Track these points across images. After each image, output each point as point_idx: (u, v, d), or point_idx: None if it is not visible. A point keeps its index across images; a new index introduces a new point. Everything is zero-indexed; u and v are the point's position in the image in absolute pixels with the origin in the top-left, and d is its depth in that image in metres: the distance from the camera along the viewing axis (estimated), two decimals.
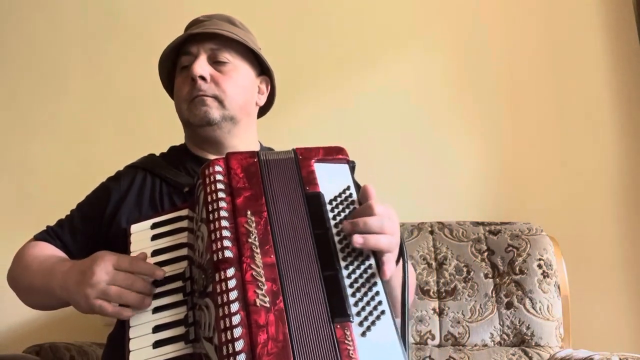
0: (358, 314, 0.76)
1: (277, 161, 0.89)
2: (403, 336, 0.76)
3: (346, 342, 0.72)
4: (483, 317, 1.48)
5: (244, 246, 0.77)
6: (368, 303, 0.77)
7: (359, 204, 0.87)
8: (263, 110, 1.26)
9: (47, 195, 1.88)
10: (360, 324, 0.75)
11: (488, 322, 1.48)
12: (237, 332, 0.70)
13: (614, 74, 1.86)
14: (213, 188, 0.84)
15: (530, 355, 1.42)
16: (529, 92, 1.89)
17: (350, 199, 0.87)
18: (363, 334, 0.74)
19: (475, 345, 1.47)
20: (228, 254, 0.76)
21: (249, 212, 0.81)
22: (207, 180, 0.85)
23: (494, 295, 1.50)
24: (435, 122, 1.90)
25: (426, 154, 1.87)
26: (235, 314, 0.71)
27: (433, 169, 1.84)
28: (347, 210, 0.86)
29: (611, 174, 1.81)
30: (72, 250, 1.09)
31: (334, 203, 0.86)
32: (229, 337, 0.70)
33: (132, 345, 0.81)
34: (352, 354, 0.71)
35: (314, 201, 0.85)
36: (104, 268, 0.84)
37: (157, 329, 0.82)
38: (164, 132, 1.92)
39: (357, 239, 0.79)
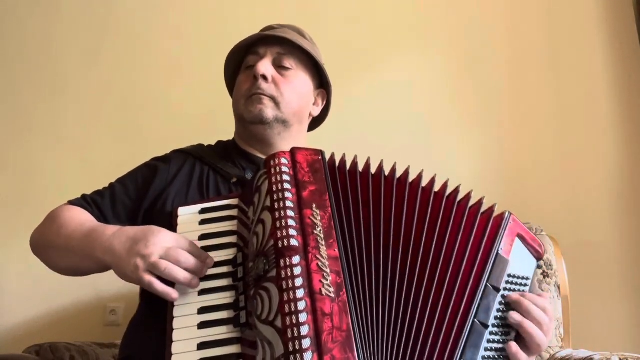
0: None
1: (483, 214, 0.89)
2: None
3: None
4: None
5: (310, 237, 0.80)
6: None
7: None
8: (314, 124, 1.31)
9: (46, 196, 1.88)
10: None
11: None
12: (303, 317, 0.72)
13: (614, 73, 1.86)
14: (279, 178, 0.86)
15: None
16: (529, 92, 1.90)
17: (522, 288, 0.89)
18: None
19: None
20: (293, 242, 0.79)
21: (314, 206, 0.84)
22: (273, 170, 0.87)
23: None
24: (435, 121, 1.91)
25: (426, 153, 1.87)
26: (300, 299, 0.73)
27: (433, 169, 1.84)
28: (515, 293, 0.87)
29: (611, 174, 1.81)
30: (109, 221, 1.09)
31: (509, 279, 0.87)
32: (294, 321, 0.72)
33: (176, 323, 0.82)
34: None
35: (501, 262, 0.86)
36: (161, 243, 0.85)
37: (203, 310, 0.83)
38: (164, 132, 1.94)
39: (527, 326, 0.83)
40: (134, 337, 1.04)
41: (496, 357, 0.81)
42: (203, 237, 0.91)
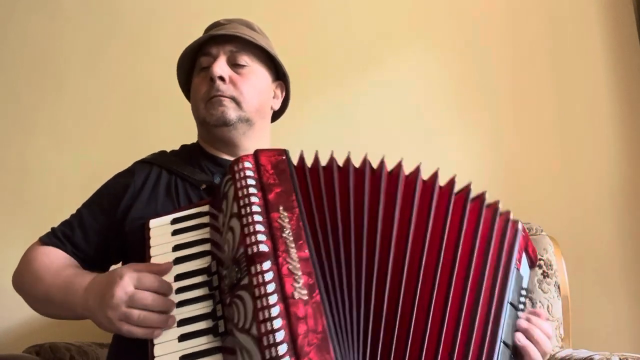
0: None
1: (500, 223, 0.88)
2: None
3: None
4: None
5: (279, 240, 0.78)
6: None
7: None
8: (275, 116, 1.29)
9: (46, 196, 1.88)
10: None
11: None
12: (277, 323, 0.71)
13: (614, 74, 1.86)
14: (244, 183, 0.84)
15: None
16: (530, 92, 1.90)
17: (524, 300, 0.88)
18: None
19: None
20: (263, 247, 0.77)
21: (281, 208, 0.82)
22: (237, 175, 0.86)
23: None
24: (436, 122, 1.90)
25: (426, 154, 1.86)
26: (273, 305, 0.72)
27: (433, 169, 1.84)
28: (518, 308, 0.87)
29: (611, 174, 1.81)
30: (85, 251, 1.09)
31: (522, 292, 0.87)
32: (269, 328, 0.71)
33: (156, 338, 0.81)
34: None
35: (519, 279, 0.85)
36: (124, 288, 0.83)
37: (182, 322, 0.82)
38: (164, 132, 1.94)
39: (531, 349, 0.83)
40: (116, 355, 1.03)
41: None
42: (177, 248, 0.89)
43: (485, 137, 1.88)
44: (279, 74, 1.24)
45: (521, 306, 0.86)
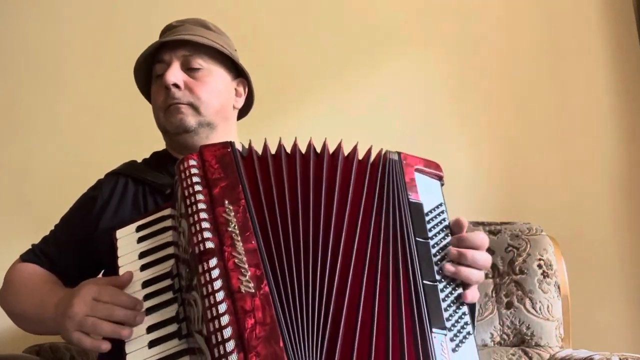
0: (449, 329, 0.77)
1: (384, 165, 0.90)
2: None
3: (443, 353, 0.74)
4: (483, 317, 1.48)
5: (224, 235, 0.77)
6: (457, 321, 0.78)
7: (451, 230, 0.87)
8: (243, 112, 1.26)
9: (46, 196, 1.88)
10: (452, 339, 0.76)
11: (488, 322, 1.48)
12: (224, 320, 0.71)
13: (614, 74, 1.86)
14: (189, 182, 0.84)
15: (530, 355, 1.42)
16: (529, 92, 1.90)
17: (442, 217, 0.89)
18: (454, 349, 0.76)
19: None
20: (209, 244, 0.76)
21: (226, 202, 0.81)
22: (183, 175, 0.85)
23: (494, 295, 1.50)
24: (435, 122, 1.90)
25: (426, 154, 1.86)
26: (220, 302, 0.72)
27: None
28: (439, 227, 0.86)
29: (611, 174, 1.81)
30: (61, 266, 1.10)
31: (427, 217, 0.87)
32: (216, 326, 0.70)
33: (129, 347, 0.81)
34: None
35: (417, 209, 0.86)
36: (83, 299, 0.83)
37: (151, 328, 0.82)
38: None
39: (464, 272, 0.81)
40: (102, 357, 1.04)
41: (456, 309, 0.79)
42: (142, 255, 0.89)
43: (485, 137, 1.88)
44: (239, 71, 1.20)
45: (434, 231, 0.85)
